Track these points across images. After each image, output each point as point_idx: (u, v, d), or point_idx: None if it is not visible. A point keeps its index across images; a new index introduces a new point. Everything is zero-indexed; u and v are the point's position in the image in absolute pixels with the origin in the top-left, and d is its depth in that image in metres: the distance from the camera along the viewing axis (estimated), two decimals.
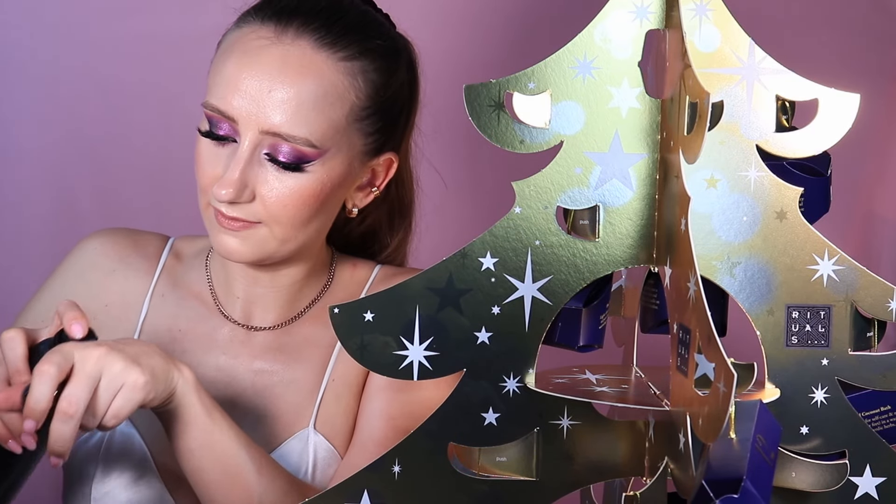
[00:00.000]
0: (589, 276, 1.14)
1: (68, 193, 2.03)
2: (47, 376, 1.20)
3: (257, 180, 1.36)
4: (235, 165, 1.35)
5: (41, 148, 2.04)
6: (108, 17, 2.02)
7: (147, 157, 2.05)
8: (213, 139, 1.38)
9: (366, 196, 1.46)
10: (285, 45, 1.37)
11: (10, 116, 2.03)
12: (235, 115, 1.35)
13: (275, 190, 1.36)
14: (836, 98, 1.15)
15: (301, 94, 1.35)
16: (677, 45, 1.09)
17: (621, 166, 1.14)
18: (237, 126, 1.36)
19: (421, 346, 1.13)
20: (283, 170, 1.36)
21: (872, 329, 1.17)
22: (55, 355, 1.22)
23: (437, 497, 1.14)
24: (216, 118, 1.37)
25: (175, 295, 1.50)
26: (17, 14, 2.02)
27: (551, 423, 1.16)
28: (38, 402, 1.20)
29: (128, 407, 1.24)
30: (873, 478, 1.16)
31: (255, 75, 1.35)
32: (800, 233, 1.15)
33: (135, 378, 1.24)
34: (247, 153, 1.35)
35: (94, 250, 1.52)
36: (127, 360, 1.24)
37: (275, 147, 1.36)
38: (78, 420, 1.21)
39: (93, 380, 1.22)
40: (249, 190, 1.36)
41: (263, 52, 1.36)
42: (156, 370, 1.26)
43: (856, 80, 1.23)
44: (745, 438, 1.05)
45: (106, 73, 2.03)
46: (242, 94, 1.35)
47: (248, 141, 1.35)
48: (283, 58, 1.36)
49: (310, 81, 1.36)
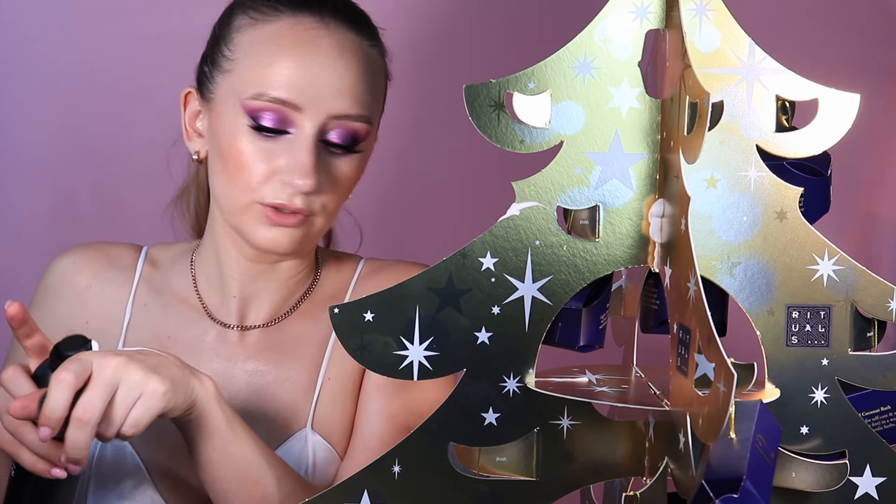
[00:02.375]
0: (589, 276, 1.14)
1: (68, 193, 2.03)
2: (64, 384, 1.19)
3: (322, 167, 1.38)
4: (308, 154, 1.37)
5: (41, 147, 2.04)
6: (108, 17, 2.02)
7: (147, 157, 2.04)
8: (266, 132, 1.37)
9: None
10: (334, 32, 1.40)
11: (10, 116, 2.03)
12: (303, 103, 1.37)
13: (332, 175, 1.39)
14: (836, 98, 1.15)
15: (362, 77, 1.40)
16: (677, 45, 1.09)
17: (621, 166, 1.14)
18: (299, 115, 1.37)
19: (421, 346, 1.13)
20: (346, 153, 1.40)
21: (872, 329, 1.17)
22: (73, 363, 1.20)
23: (437, 497, 1.14)
24: (273, 109, 1.37)
25: (159, 302, 1.49)
26: (17, 14, 2.02)
27: (551, 423, 1.16)
28: (54, 410, 1.19)
29: (147, 416, 1.23)
30: (873, 478, 1.16)
31: (319, 62, 1.38)
32: (800, 233, 1.15)
33: (154, 387, 1.22)
34: (312, 140, 1.37)
35: (66, 269, 1.51)
36: (146, 370, 1.22)
37: (339, 130, 1.39)
38: (93, 427, 1.20)
39: (110, 387, 1.21)
40: (321, 178, 1.38)
41: (321, 41, 1.40)
42: (175, 380, 1.25)
43: (856, 80, 1.23)
44: (745, 438, 1.05)
45: (106, 72, 2.03)
46: (309, 82, 1.37)
47: (312, 128, 1.37)
48: (340, 43, 1.40)
49: (363, 64, 1.41)
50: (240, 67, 1.39)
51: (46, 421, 1.19)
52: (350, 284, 1.50)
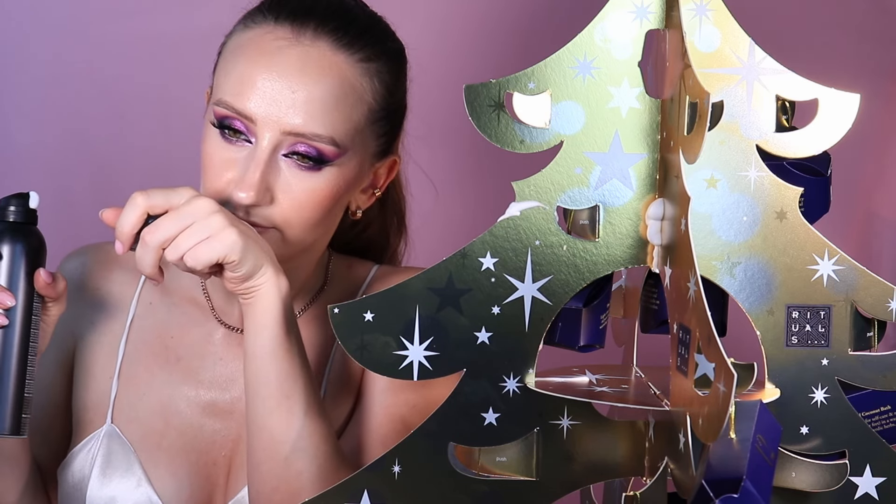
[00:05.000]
0: (589, 276, 1.14)
1: (68, 193, 2.03)
2: (135, 204, 1.29)
3: (276, 183, 1.35)
4: (256, 167, 1.33)
5: (41, 147, 2.04)
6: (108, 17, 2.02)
7: (147, 157, 2.05)
8: (228, 131, 1.35)
9: (368, 198, 1.46)
10: (304, 45, 1.35)
11: (11, 116, 2.03)
12: (253, 115, 1.33)
13: (292, 191, 1.35)
14: (836, 98, 1.15)
15: (324, 95, 1.34)
16: (677, 45, 1.09)
17: (621, 166, 1.14)
18: (254, 127, 1.34)
19: (421, 346, 1.13)
20: (303, 171, 1.35)
21: (872, 329, 1.17)
22: (158, 192, 1.30)
23: (437, 497, 1.14)
24: (230, 117, 1.35)
25: (166, 302, 1.49)
26: (18, 14, 2.02)
27: (551, 423, 1.16)
28: (122, 225, 1.29)
29: (208, 254, 1.28)
30: (873, 478, 1.16)
31: (275, 76, 1.34)
32: (800, 233, 1.15)
33: (226, 235, 1.28)
34: (266, 155, 1.34)
35: (74, 271, 1.50)
36: (228, 221, 1.28)
37: (295, 148, 1.34)
38: (155, 249, 1.28)
39: (183, 219, 1.28)
40: (269, 193, 1.35)
41: (283, 53, 1.35)
42: (250, 246, 1.29)
43: (856, 80, 1.23)
44: (745, 438, 1.05)
45: (106, 72, 2.03)
46: (261, 95, 1.33)
47: (266, 142, 1.33)
48: (304, 58, 1.35)
49: (331, 81, 1.35)
50: (219, 71, 1.39)
51: (118, 235, 1.30)
52: (360, 290, 1.50)
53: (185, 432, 1.44)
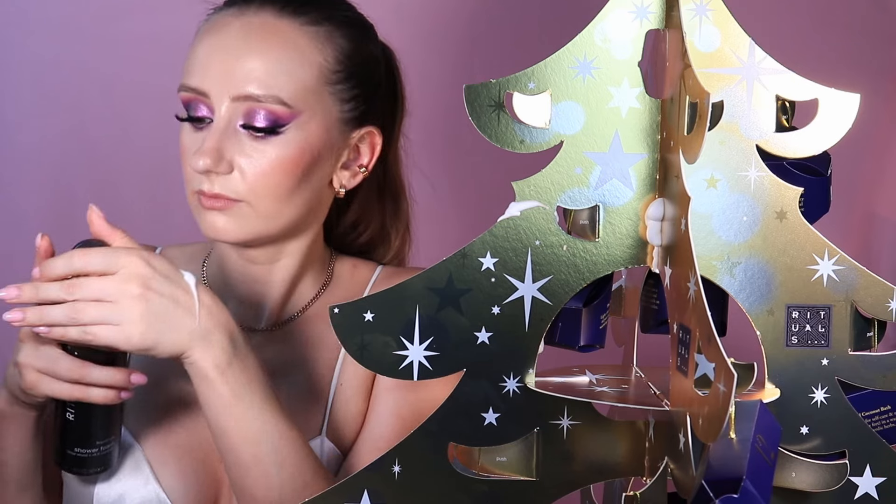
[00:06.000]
0: (589, 276, 1.14)
1: (68, 193, 2.03)
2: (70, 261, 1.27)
3: (235, 152, 1.37)
4: (211, 136, 1.37)
5: (41, 147, 2.04)
6: (108, 17, 2.03)
7: (147, 157, 2.05)
8: (192, 121, 1.39)
9: (353, 176, 1.46)
10: (248, 16, 1.40)
11: (11, 115, 2.03)
12: (207, 88, 1.37)
13: (253, 159, 1.37)
14: (836, 98, 1.15)
15: (268, 58, 1.38)
16: (677, 45, 1.09)
17: (621, 166, 1.14)
18: (211, 102, 1.37)
19: (421, 346, 1.13)
20: (260, 137, 1.37)
21: (872, 329, 1.17)
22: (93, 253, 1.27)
23: (437, 497, 1.14)
24: (192, 99, 1.38)
25: None
26: (18, 13, 2.02)
27: (551, 423, 1.16)
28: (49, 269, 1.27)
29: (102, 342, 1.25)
30: (873, 478, 1.16)
31: (222, 48, 1.38)
32: (800, 233, 1.15)
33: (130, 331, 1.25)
34: (222, 123, 1.37)
35: None
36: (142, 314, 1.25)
37: (249, 113, 1.37)
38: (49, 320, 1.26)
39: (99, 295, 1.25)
40: (227, 161, 1.37)
41: (228, 26, 1.40)
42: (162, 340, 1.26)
43: (856, 80, 1.23)
44: (745, 438, 1.05)
45: (106, 72, 2.03)
46: (211, 69, 1.37)
47: (222, 110, 1.37)
48: (247, 27, 1.39)
49: (275, 45, 1.39)
50: None
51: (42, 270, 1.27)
52: (365, 290, 1.50)
53: (192, 430, 1.44)
